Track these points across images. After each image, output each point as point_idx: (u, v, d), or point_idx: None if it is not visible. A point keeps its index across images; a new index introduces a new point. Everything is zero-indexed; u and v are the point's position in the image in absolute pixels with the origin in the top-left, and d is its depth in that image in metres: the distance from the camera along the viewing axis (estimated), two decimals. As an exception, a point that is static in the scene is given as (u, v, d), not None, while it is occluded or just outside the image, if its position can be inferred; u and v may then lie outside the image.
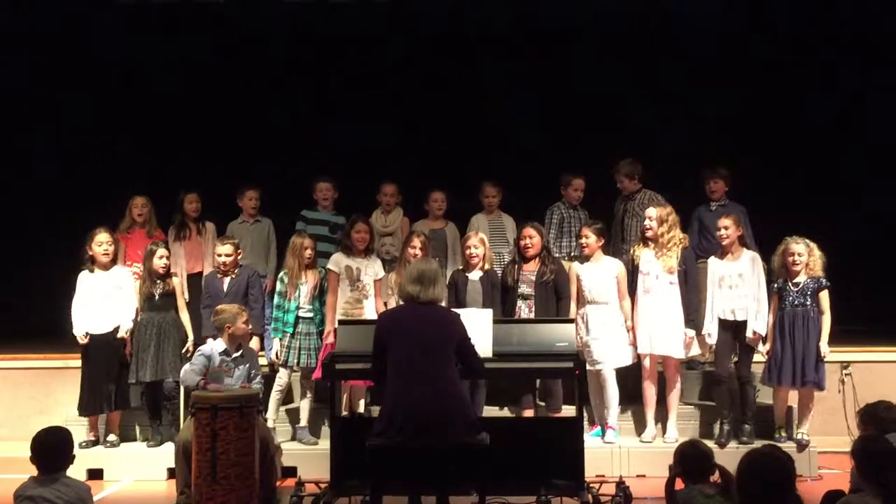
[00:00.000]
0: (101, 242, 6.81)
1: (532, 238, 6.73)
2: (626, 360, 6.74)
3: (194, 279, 7.42)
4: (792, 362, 6.53)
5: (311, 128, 9.18)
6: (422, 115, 9.20)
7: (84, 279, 6.84)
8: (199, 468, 5.54)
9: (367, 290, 6.86)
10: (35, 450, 4.23)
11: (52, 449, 4.23)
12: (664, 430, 6.78)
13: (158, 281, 6.89)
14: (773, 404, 6.75)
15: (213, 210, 7.80)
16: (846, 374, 7.35)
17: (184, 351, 6.83)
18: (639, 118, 8.88)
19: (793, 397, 6.74)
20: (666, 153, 8.33)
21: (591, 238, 6.78)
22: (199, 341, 6.75)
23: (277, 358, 6.79)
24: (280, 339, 6.81)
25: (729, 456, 4.44)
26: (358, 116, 9.20)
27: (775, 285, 6.65)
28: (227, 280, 6.94)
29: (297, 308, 6.81)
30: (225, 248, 6.94)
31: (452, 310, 5.33)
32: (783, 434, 6.66)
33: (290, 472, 6.38)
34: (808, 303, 6.56)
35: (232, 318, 6.09)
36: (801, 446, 6.53)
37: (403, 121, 9.22)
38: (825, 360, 6.59)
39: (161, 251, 6.91)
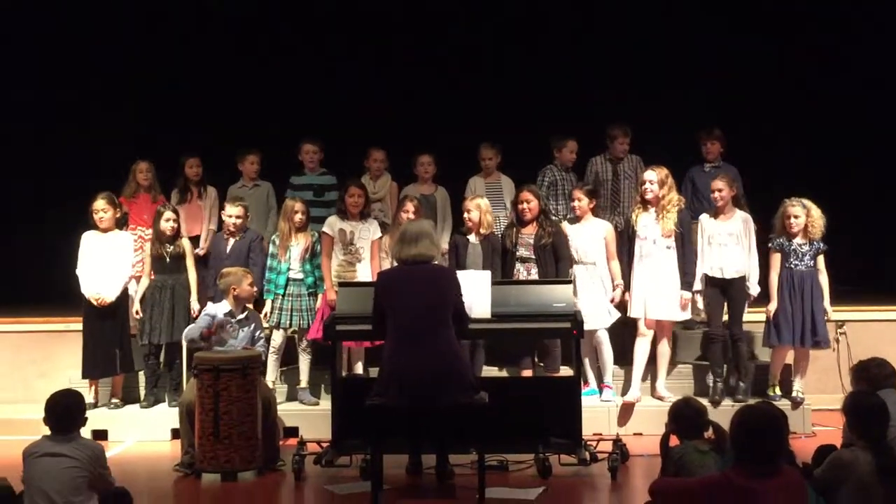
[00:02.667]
0: (98, 209, 6.84)
1: (529, 202, 6.75)
2: (606, 322, 6.76)
3: (193, 242, 7.45)
4: (798, 322, 6.58)
5: (309, 92, 9.14)
6: (418, 77, 9.17)
7: (87, 240, 6.88)
8: (203, 428, 5.65)
9: (361, 253, 6.92)
10: (50, 410, 4.31)
11: (67, 409, 4.32)
12: (654, 389, 6.84)
13: (167, 243, 6.93)
14: (770, 362, 6.83)
15: (215, 174, 7.83)
16: (841, 333, 7.42)
17: (190, 312, 6.87)
18: (631, 81, 8.85)
19: (788, 356, 6.82)
20: (659, 115, 8.31)
21: (583, 200, 6.81)
22: (203, 302, 6.83)
23: (266, 318, 6.83)
24: (272, 301, 6.87)
25: (723, 413, 4.53)
26: (352, 79, 9.17)
27: (777, 243, 6.67)
28: (231, 241, 6.99)
29: (289, 270, 6.87)
30: (235, 210, 6.98)
31: (447, 268, 5.38)
32: (778, 392, 6.74)
33: (292, 432, 6.47)
34: (812, 264, 6.62)
35: (237, 280, 6.16)
36: (796, 403, 6.62)
37: (399, 82, 9.19)
38: (829, 319, 6.67)
39: (168, 213, 6.95)
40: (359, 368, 6.94)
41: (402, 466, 5.60)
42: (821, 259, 6.66)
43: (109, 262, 6.85)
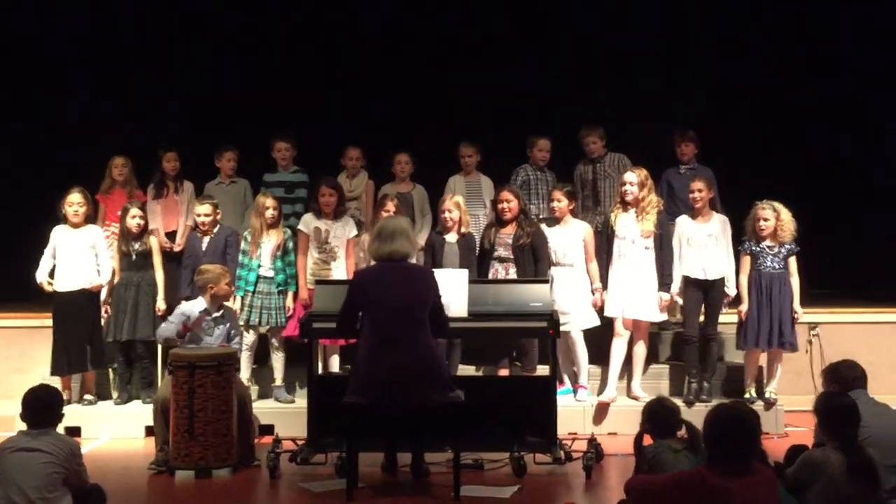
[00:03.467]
0: (73, 203, 6.79)
1: (510, 202, 6.76)
2: (591, 322, 6.81)
3: (169, 238, 7.45)
4: (768, 324, 6.64)
5: (286, 89, 9.12)
6: (396, 74, 9.17)
7: (57, 234, 6.83)
8: (177, 425, 5.63)
9: (336, 252, 6.92)
10: (27, 406, 4.31)
11: (44, 405, 4.33)
12: (629, 389, 6.88)
13: (133, 241, 6.90)
14: (744, 365, 6.89)
15: (193, 171, 7.80)
16: (813, 335, 7.50)
17: (156, 310, 6.85)
18: (608, 80, 8.89)
19: (761, 358, 6.89)
20: (633, 116, 8.36)
21: (562, 202, 6.83)
22: (173, 300, 6.80)
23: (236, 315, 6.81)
24: (242, 298, 6.85)
25: (697, 413, 4.55)
26: (337, 78, 9.16)
27: (748, 246, 6.75)
28: (206, 239, 6.97)
29: (259, 267, 6.85)
30: (204, 208, 6.96)
31: (425, 267, 5.39)
32: (753, 394, 6.79)
33: (267, 429, 6.44)
34: (782, 266, 6.68)
35: (215, 279, 6.14)
36: (769, 404, 6.68)
37: (377, 80, 9.19)
38: (798, 321, 6.74)
39: (134, 210, 6.93)
40: (334, 366, 6.94)
41: (377, 464, 5.59)
42: (792, 261, 6.73)
43: (81, 256, 6.79)
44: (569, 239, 6.82)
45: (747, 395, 6.74)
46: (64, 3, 9.08)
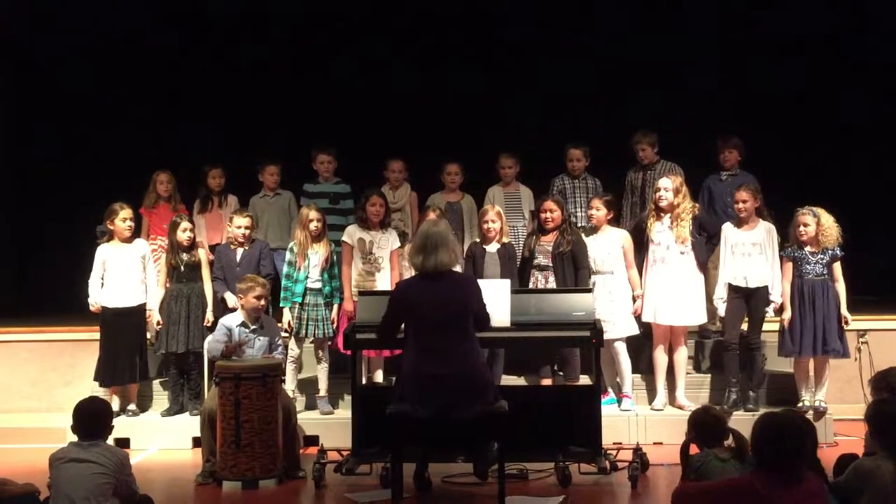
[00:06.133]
0: (126, 218, 6.89)
1: (553, 212, 6.77)
2: (631, 330, 6.79)
3: (214, 251, 7.52)
4: (810, 331, 6.57)
5: (329, 102, 9.21)
6: (437, 87, 9.21)
7: (105, 251, 6.93)
8: (224, 436, 5.68)
9: (380, 262, 6.95)
10: (78, 417, 4.38)
11: (95, 417, 4.38)
12: (673, 399, 6.84)
13: (183, 253, 6.99)
14: (793, 373, 6.81)
15: (237, 185, 7.92)
16: (862, 343, 7.38)
17: (204, 322, 6.94)
18: (650, 88, 8.86)
19: (809, 366, 6.80)
20: (676, 123, 8.31)
21: (601, 210, 6.83)
22: (217, 312, 6.88)
23: (290, 328, 6.87)
24: (289, 309, 6.90)
25: (736, 422, 4.49)
26: (375, 90, 9.23)
27: (789, 252, 6.67)
28: (239, 251, 7.05)
29: (306, 279, 6.89)
30: (243, 220, 7.04)
31: (468, 275, 5.36)
32: (806, 402, 6.69)
33: (313, 440, 6.49)
34: (825, 272, 6.60)
35: (244, 291, 6.21)
36: (819, 413, 6.58)
37: (420, 93, 9.24)
38: (847, 327, 6.64)
39: (184, 224, 7.02)
40: (378, 377, 6.97)
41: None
42: (836, 266, 6.64)
43: (132, 271, 6.89)
44: (607, 247, 6.81)
45: (801, 404, 6.65)
46: (104, 20, 9.23)
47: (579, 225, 7.22)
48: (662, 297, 6.71)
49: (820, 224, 6.60)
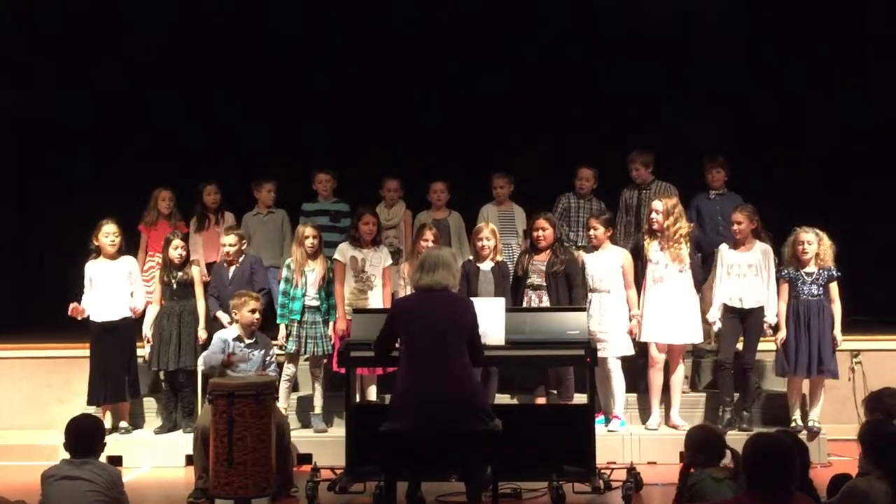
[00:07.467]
0: (108, 234, 6.89)
1: (545, 230, 6.78)
2: (627, 350, 6.79)
3: (210, 269, 7.52)
4: (808, 352, 6.59)
5: (324, 121, 9.23)
6: (431, 105, 9.24)
7: (92, 267, 6.93)
8: (217, 454, 5.66)
9: (373, 280, 6.95)
10: (70, 435, 4.36)
11: (87, 434, 4.36)
12: (668, 418, 6.83)
13: (175, 270, 6.99)
14: (786, 393, 6.82)
15: (234, 202, 7.93)
16: (856, 363, 7.39)
17: (197, 339, 6.92)
18: (639, 109, 8.89)
19: (803, 386, 6.80)
20: (665, 143, 8.33)
21: (599, 230, 6.84)
22: (210, 329, 6.87)
23: (284, 344, 6.85)
24: (286, 326, 6.89)
25: (731, 443, 4.49)
26: (372, 111, 9.25)
27: (786, 273, 6.70)
28: (231, 269, 7.05)
29: (303, 296, 6.89)
30: (229, 239, 7.06)
31: (464, 296, 5.39)
32: (799, 422, 6.69)
33: (306, 458, 6.47)
34: (821, 293, 6.62)
35: (237, 306, 6.23)
36: (812, 433, 6.58)
37: (413, 111, 9.26)
38: (838, 348, 6.66)
39: (176, 241, 7.02)
40: (372, 394, 6.95)
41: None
42: (833, 287, 6.67)
43: (118, 287, 6.89)
44: (607, 265, 6.82)
45: (793, 424, 6.65)
46: (104, 38, 9.25)
47: (580, 244, 7.24)
48: (661, 316, 6.71)
49: (821, 243, 6.62)
